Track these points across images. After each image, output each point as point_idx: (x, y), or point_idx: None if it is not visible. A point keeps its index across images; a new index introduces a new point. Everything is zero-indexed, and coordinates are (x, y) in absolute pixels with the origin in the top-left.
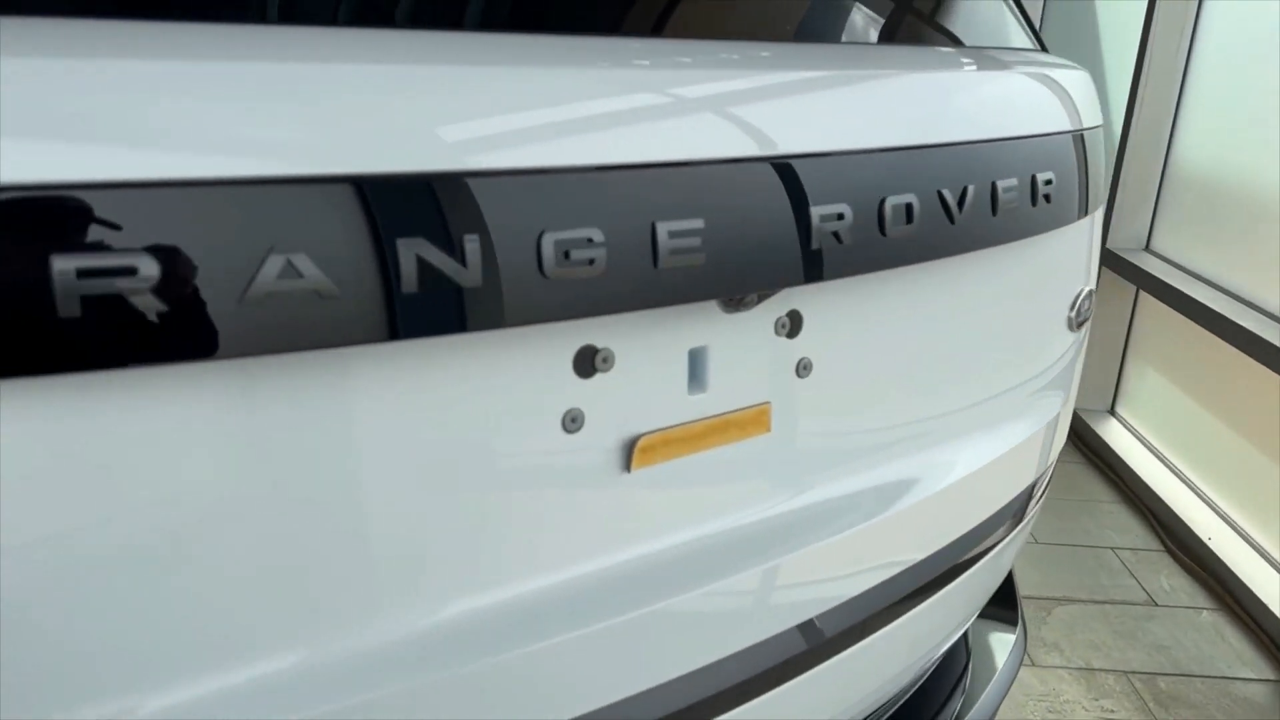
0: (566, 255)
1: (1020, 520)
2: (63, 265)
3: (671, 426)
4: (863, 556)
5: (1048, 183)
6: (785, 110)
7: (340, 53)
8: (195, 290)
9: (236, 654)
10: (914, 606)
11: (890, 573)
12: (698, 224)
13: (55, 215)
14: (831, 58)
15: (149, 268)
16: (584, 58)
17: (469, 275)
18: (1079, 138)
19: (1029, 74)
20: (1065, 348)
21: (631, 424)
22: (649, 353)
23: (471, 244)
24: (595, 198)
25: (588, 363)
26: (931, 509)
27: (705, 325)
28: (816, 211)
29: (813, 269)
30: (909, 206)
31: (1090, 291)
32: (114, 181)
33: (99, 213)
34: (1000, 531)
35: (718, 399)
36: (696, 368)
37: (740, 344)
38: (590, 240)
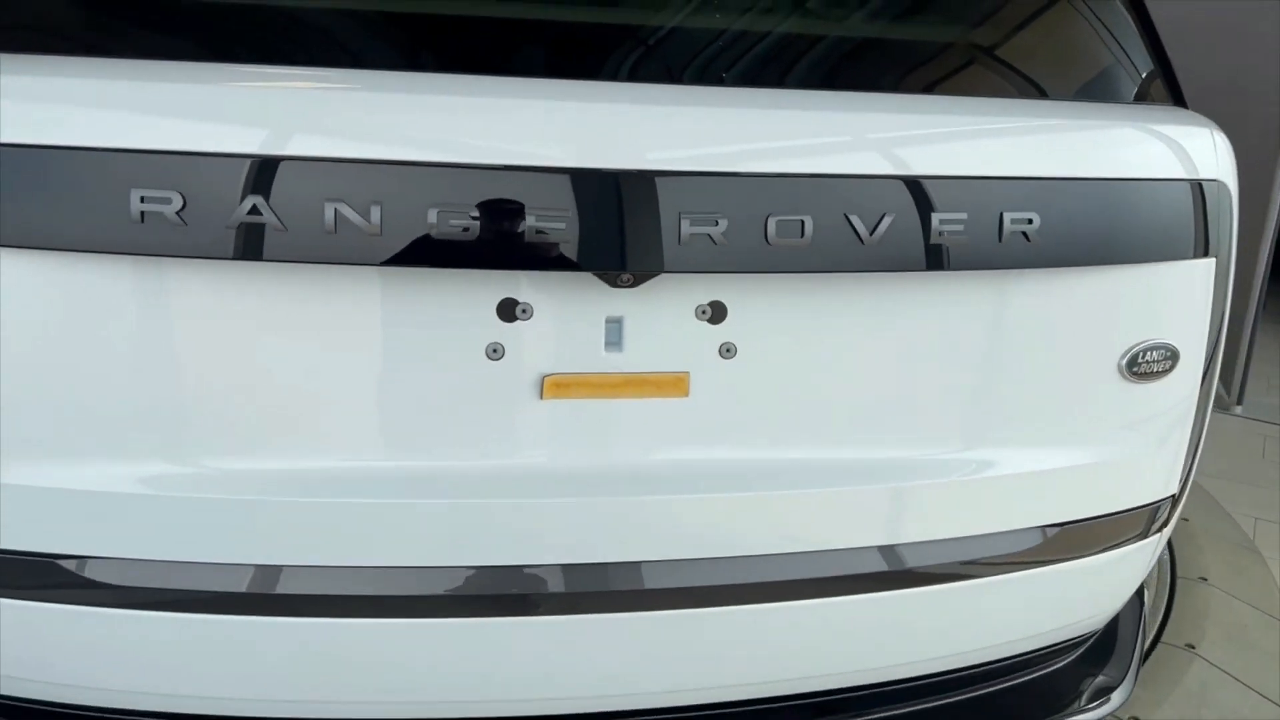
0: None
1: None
2: None
3: (585, 373)
4: (748, 522)
5: (1027, 222)
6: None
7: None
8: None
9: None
10: (780, 595)
11: (766, 549)
12: (567, 213)
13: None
14: (815, 102)
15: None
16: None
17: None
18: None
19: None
20: (1114, 397)
21: (546, 364)
22: (565, 310)
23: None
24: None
25: (510, 310)
26: (830, 504)
27: (620, 300)
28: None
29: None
30: (797, 224)
31: (1158, 347)
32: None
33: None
34: (913, 565)
35: (633, 360)
36: (613, 332)
37: (659, 321)
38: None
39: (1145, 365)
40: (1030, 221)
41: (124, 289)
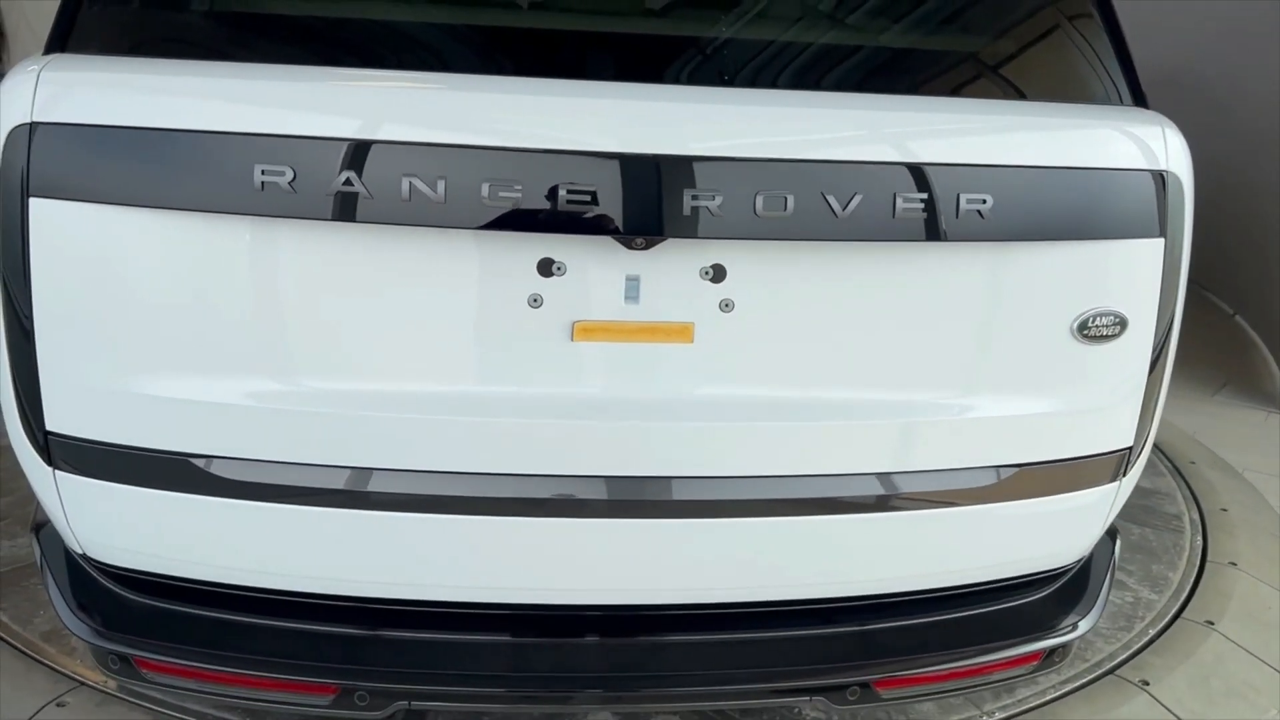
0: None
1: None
2: None
3: (608, 320)
4: (742, 448)
5: (981, 202)
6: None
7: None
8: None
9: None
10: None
11: (760, 470)
12: (592, 188)
13: None
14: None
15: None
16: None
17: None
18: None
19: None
20: (1067, 355)
21: (577, 312)
22: (592, 268)
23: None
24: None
25: (547, 267)
26: (812, 435)
27: (637, 260)
28: (689, 194)
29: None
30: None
31: (1107, 313)
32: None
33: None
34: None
35: (647, 311)
36: (631, 288)
37: (669, 279)
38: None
39: (1095, 329)
40: (984, 202)
41: (245, 243)
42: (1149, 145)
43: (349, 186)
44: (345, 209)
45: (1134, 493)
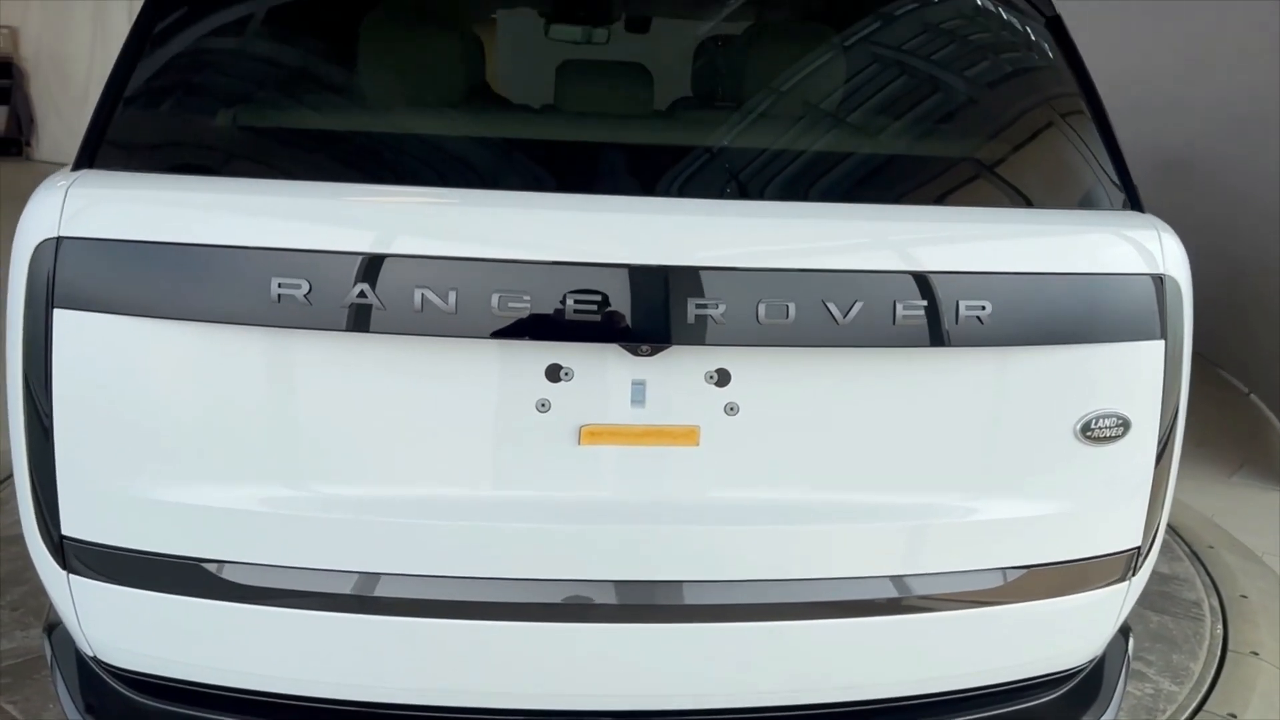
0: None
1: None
2: None
3: (614, 424)
4: (747, 551)
5: (980, 308)
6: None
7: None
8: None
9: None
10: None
11: (768, 574)
12: (599, 298)
13: None
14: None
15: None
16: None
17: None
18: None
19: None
20: (1072, 457)
21: (584, 416)
22: (599, 374)
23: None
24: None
25: (555, 373)
26: (818, 539)
27: (643, 366)
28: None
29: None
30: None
31: (1109, 415)
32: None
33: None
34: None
35: (653, 415)
36: (637, 392)
37: (675, 383)
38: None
39: (1098, 431)
40: (984, 308)
41: (261, 352)
42: (1145, 249)
43: (363, 298)
44: (359, 320)
45: (1152, 578)
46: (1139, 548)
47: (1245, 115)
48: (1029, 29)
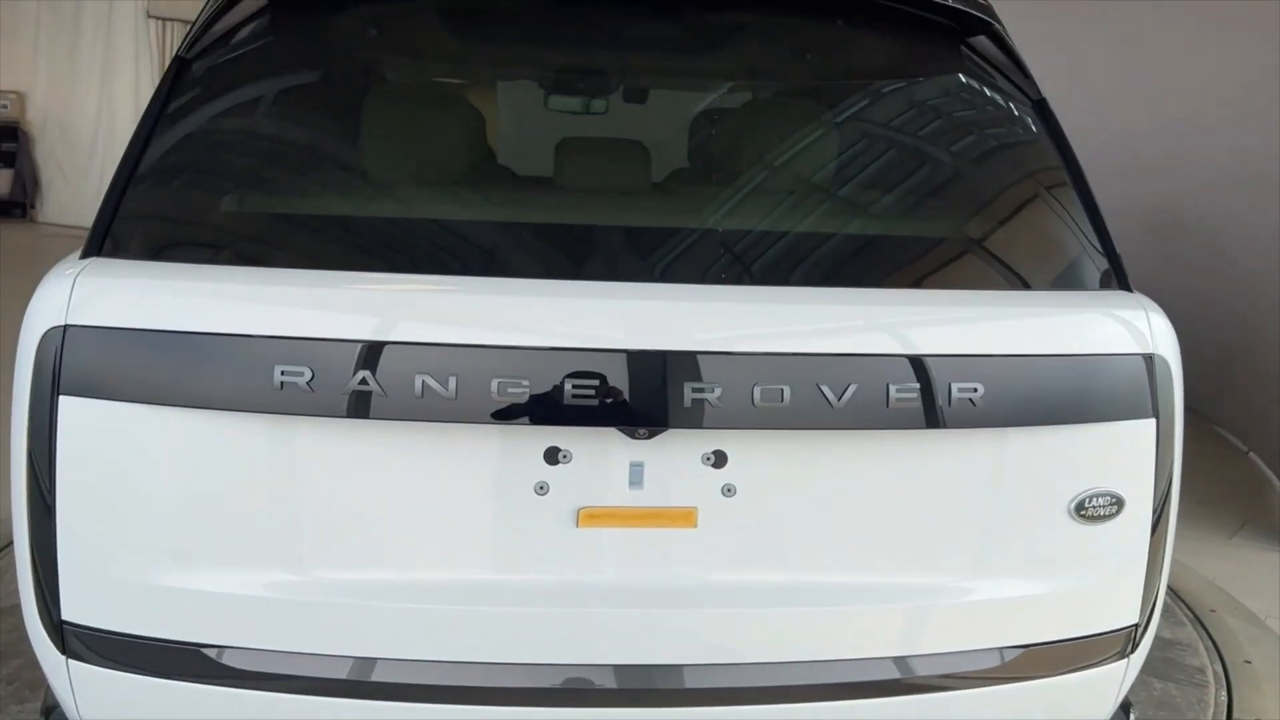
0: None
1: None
2: None
3: (612, 506)
4: (747, 634)
5: (973, 390)
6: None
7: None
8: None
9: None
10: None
11: (766, 656)
12: (596, 383)
13: None
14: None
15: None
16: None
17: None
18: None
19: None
20: (1067, 536)
21: (582, 499)
22: (596, 456)
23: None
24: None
25: (554, 456)
26: (816, 621)
27: (640, 448)
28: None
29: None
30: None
31: (1103, 494)
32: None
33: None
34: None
35: (651, 497)
36: (635, 474)
37: (672, 465)
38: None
39: (1092, 510)
40: (976, 390)
41: (263, 439)
42: (1135, 329)
43: (364, 385)
44: (360, 407)
45: (1155, 644)
46: (1137, 624)
47: (1236, 175)
48: (1016, 111)
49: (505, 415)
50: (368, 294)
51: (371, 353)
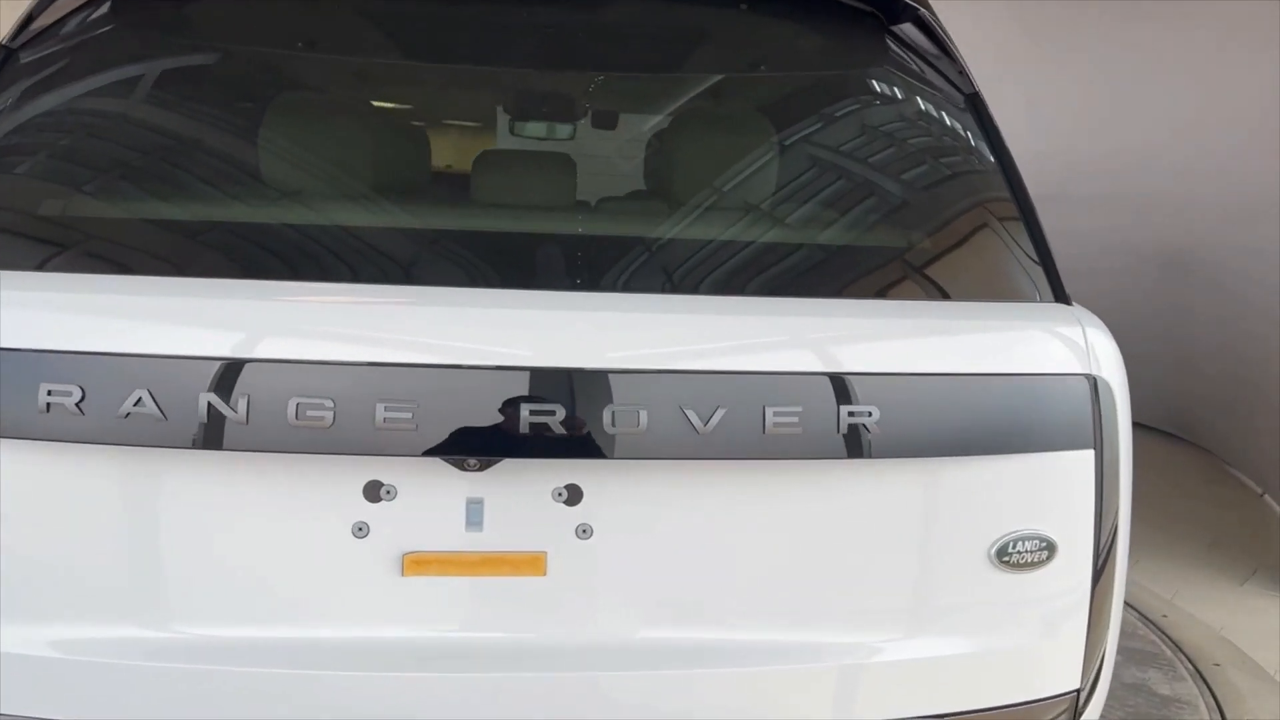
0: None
1: None
2: None
3: (445, 551)
4: (601, 702)
5: (867, 415)
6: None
7: None
8: None
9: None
10: None
11: None
12: (412, 404)
13: None
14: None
15: None
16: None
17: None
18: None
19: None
20: (988, 586)
21: (408, 543)
22: (426, 492)
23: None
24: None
25: (375, 491)
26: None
27: (479, 482)
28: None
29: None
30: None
31: (1030, 537)
32: None
33: None
34: None
35: (492, 540)
36: (474, 513)
37: (517, 502)
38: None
39: (1016, 556)
40: (870, 414)
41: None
42: (1070, 345)
43: (140, 406)
44: (137, 432)
45: (1151, 702)
46: (1079, 689)
47: (1249, 210)
48: (945, 106)
49: (307, 443)
50: (136, 299)
51: (148, 368)
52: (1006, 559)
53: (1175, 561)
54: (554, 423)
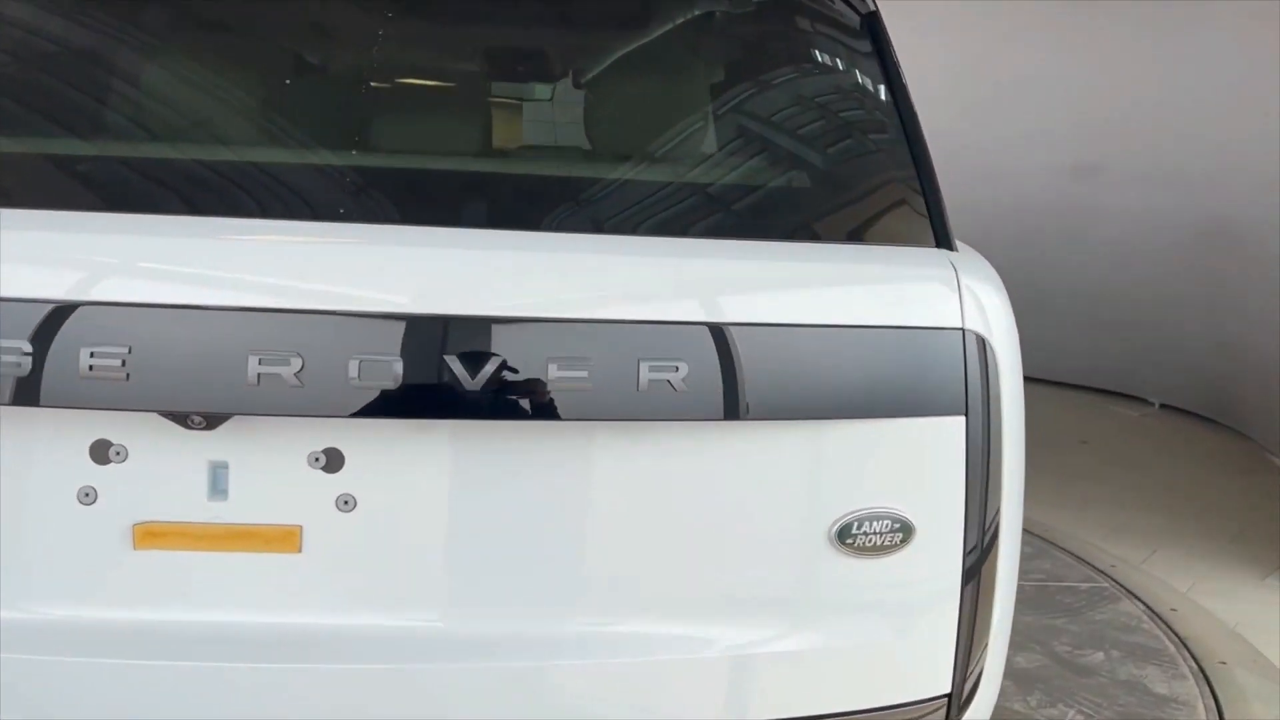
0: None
1: None
2: None
3: (183, 522)
4: (360, 697)
5: (673, 370)
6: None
7: None
8: None
9: None
10: None
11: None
12: (123, 350)
13: None
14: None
15: None
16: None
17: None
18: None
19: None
20: (832, 573)
21: (139, 511)
22: (161, 454)
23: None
24: None
25: (103, 452)
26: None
27: (221, 443)
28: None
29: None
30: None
31: (879, 516)
32: None
33: None
34: None
35: (239, 510)
36: (218, 479)
37: (267, 467)
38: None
39: (862, 538)
40: (675, 370)
41: None
42: (937, 296)
43: None
44: None
45: (1144, 702)
46: (949, 695)
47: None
48: (840, 30)
49: (10, 394)
50: None
51: None
52: (850, 541)
53: (1197, 552)
54: (287, 374)
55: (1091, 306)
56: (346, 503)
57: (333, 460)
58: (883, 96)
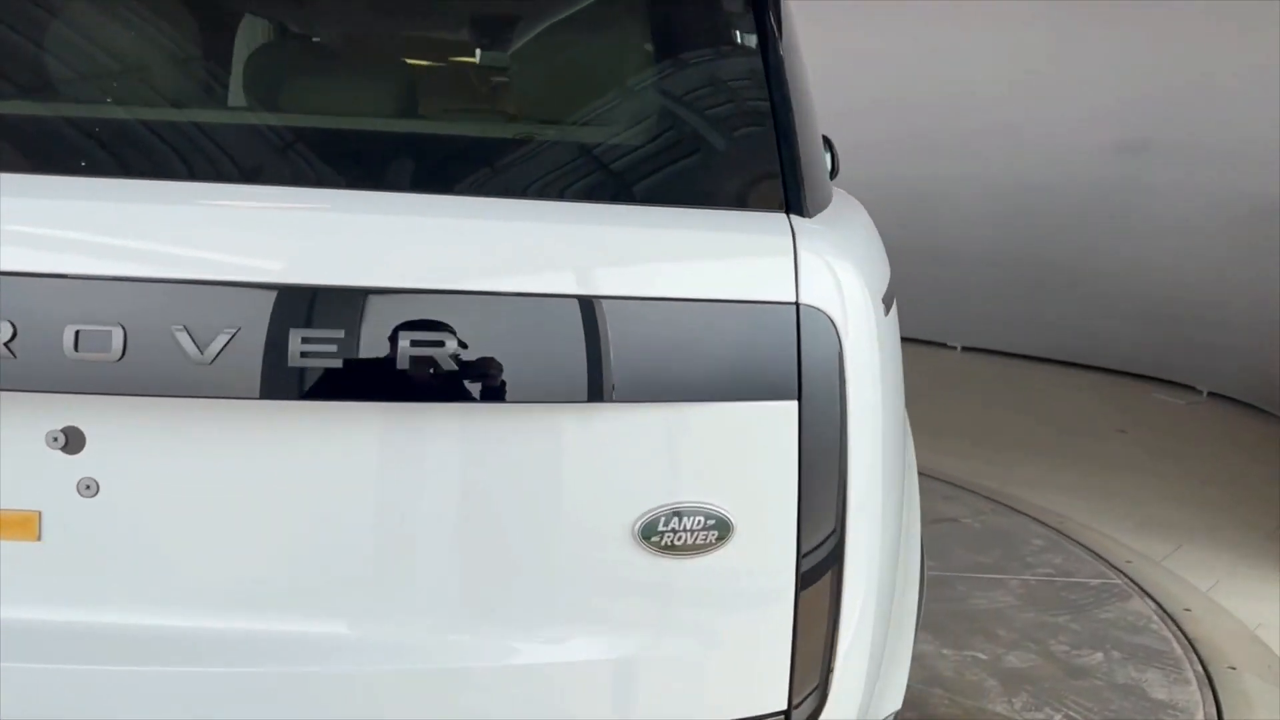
0: None
1: None
2: None
3: None
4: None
5: (438, 345)
6: None
7: None
8: None
9: None
10: None
11: None
12: None
13: None
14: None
15: None
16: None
17: None
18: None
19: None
20: (636, 575)
21: None
22: None
23: None
24: None
25: None
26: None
27: None
28: None
29: None
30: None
31: (690, 511)
32: None
33: None
34: None
35: None
36: None
37: (2, 446)
38: None
39: (669, 535)
40: (441, 345)
41: None
42: (768, 265)
43: None
44: None
45: (1140, 707)
46: (786, 712)
47: None
48: None
49: None
50: None
51: None
52: (655, 539)
53: (1226, 549)
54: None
55: (1144, 288)
56: (89, 487)
57: (73, 440)
58: (753, 52)
